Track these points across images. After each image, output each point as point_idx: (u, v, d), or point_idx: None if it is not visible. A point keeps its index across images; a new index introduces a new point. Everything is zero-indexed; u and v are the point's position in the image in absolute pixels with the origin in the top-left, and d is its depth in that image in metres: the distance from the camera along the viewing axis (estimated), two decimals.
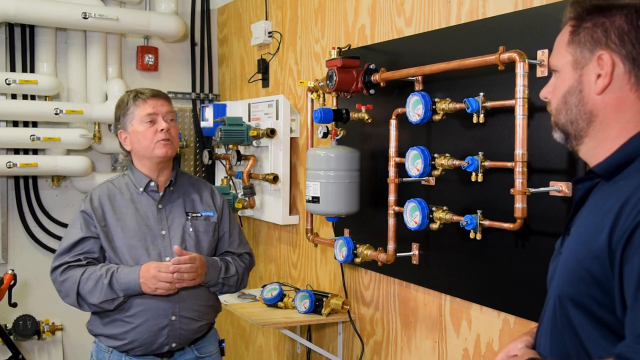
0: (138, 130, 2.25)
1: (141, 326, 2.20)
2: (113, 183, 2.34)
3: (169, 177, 2.33)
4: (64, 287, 2.19)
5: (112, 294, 2.14)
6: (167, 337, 2.23)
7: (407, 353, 2.57)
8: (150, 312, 2.20)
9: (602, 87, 1.16)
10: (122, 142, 2.33)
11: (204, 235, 2.33)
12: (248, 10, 4.05)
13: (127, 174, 2.35)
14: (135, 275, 2.13)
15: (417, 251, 2.42)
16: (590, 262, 1.10)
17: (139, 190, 2.30)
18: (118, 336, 2.22)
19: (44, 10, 3.70)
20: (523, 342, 1.34)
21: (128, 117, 2.27)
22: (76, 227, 2.25)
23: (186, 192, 2.37)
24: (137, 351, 2.23)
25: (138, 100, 2.26)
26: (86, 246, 2.22)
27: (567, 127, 1.23)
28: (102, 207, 2.26)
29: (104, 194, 2.30)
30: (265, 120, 3.51)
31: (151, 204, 2.29)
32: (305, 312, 2.88)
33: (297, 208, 3.43)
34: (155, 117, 2.25)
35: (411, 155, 2.23)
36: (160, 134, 2.24)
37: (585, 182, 1.25)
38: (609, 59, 1.15)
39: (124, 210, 2.27)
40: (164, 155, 2.25)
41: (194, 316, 2.27)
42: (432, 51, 2.34)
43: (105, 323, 2.25)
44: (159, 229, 2.27)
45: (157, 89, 2.35)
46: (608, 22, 1.16)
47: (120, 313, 2.21)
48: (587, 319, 1.11)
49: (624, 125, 1.17)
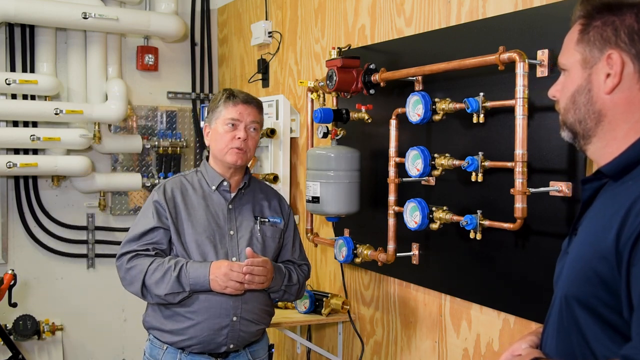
0: (218, 130, 2.26)
1: (202, 323, 2.18)
2: (186, 178, 2.33)
3: (241, 179, 2.33)
4: (129, 275, 2.17)
5: (178, 288, 2.11)
6: (226, 337, 2.21)
7: (407, 353, 2.57)
8: (213, 310, 2.18)
9: (612, 87, 1.16)
10: (205, 135, 2.34)
11: (270, 241, 2.32)
12: (248, 10, 4.05)
13: (199, 170, 2.35)
14: (205, 271, 2.11)
15: (417, 251, 2.42)
16: (598, 263, 1.09)
17: (212, 188, 2.30)
18: (178, 331, 2.20)
19: (44, 10, 3.70)
20: (527, 342, 1.34)
21: (215, 114, 2.28)
22: (148, 216, 2.22)
23: (256, 196, 2.37)
24: (194, 348, 2.20)
25: (229, 102, 2.27)
26: (156, 236, 2.20)
27: (575, 126, 1.22)
28: (175, 200, 2.25)
29: (177, 187, 2.29)
30: (265, 120, 3.50)
31: (222, 203, 2.29)
32: (305, 312, 2.88)
33: (297, 208, 3.43)
34: (238, 123, 2.25)
35: (411, 155, 2.23)
36: (236, 141, 2.23)
37: (593, 182, 1.24)
38: (619, 58, 1.15)
39: (196, 205, 2.26)
40: (233, 163, 2.25)
41: (254, 319, 2.26)
42: (432, 51, 2.34)
43: (165, 317, 2.22)
44: (227, 228, 2.26)
45: (253, 96, 2.35)
46: (618, 20, 1.16)
47: (182, 308, 2.18)
48: (594, 319, 1.11)
49: (633, 125, 1.16)
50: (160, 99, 4.39)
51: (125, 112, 4.02)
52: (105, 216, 4.25)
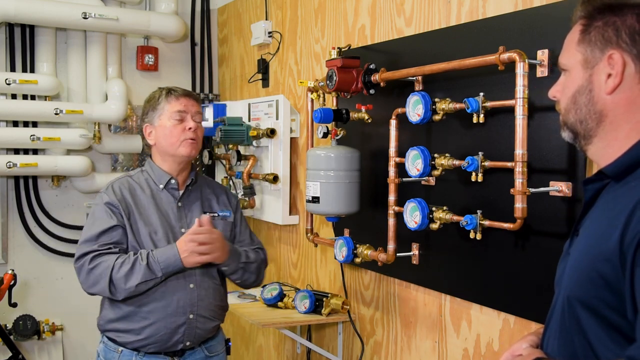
0: (166, 125, 2.27)
1: (159, 322, 2.20)
2: (132, 178, 2.33)
3: (188, 176, 2.35)
4: (92, 275, 2.15)
5: (150, 275, 2.12)
6: (183, 335, 2.23)
7: (407, 353, 2.57)
8: (169, 309, 2.20)
9: (613, 87, 1.15)
10: (147, 136, 2.33)
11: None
12: (248, 10, 4.05)
13: (145, 170, 2.35)
14: (174, 252, 2.13)
15: (417, 251, 2.42)
16: (601, 264, 1.09)
17: (159, 187, 2.31)
18: (134, 331, 2.21)
19: (44, 10, 3.70)
20: (528, 342, 1.34)
21: (157, 111, 2.29)
22: (102, 217, 2.21)
23: (203, 192, 2.40)
24: (150, 348, 2.22)
25: (170, 96, 2.29)
26: (115, 236, 2.20)
27: (576, 126, 1.22)
28: (125, 200, 2.25)
29: (125, 187, 2.29)
30: (265, 120, 3.51)
31: (171, 201, 2.31)
32: (305, 312, 2.88)
33: (297, 208, 3.43)
34: (185, 115, 2.28)
35: (411, 155, 2.23)
36: (188, 132, 2.26)
37: (594, 183, 1.24)
38: (620, 59, 1.14)
39: (145, 205, 2.27)
40: (188, 155, 2.27)
41: (210, 315, 2.30)
42: (432, 51, 2.34)
43: (121, 318, 2.23)
44: (178, 226, 2.28)
45: (189, 90, 2.38)
46: (619, 21, 1.15)
47: (139, 307, 2.20)
48: (597, 321, 1.11)
49: (634, 126, 1.16)
50: None
51: (125, 112, 4.02)
52: None
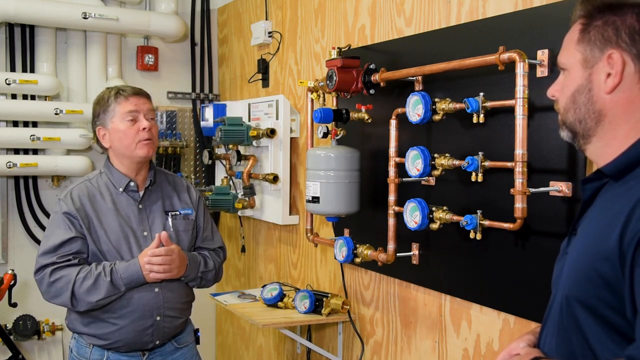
0: (119, 128, 2.24)
1: (126, 327, 2.21)
2: (91, 182, 2.30)
3: (147, 176, 2.33)
4: (54, 288, 2.15)
5: (114, 290, 2.14)
6: (152, 336, 2.26)
7: (407, 353, 2.57)
8: (136, 314, 2.21)
9: (612, 86, 1.15)
10: (101, 139, 2.30)
11: (184, 235, 2.35)
12: (248, 10, 4.05)
13: (104, 172, 2.32)
14: (136, 268, 2.15)
15: (417, 251, 2.42)
16: (600, 264, 1.09)
17: (119, 190, 2.28)
18: (102, 336, 2.22)
19: (44, 10, 3.70)
20: (525, 341, 1.34)
21: (108, 114, 2.25)
22: (60, 228, 2.18)
23: (164, 190, 2.37)
24: (120, 349, 2.25)
25: (120, 97, 2.24)
26: (75, 247, 2.18)
27: (575, 126, 1.22)
28: (85, 208, 2.22)
29: (84, 194, 2.25)
30: (265, 120, 3.51)
31: (131, 204, 2.28)
32: (305, 312, 2.88)
33: (297, 208, 3.43)
34: (137, 115, 2.24)
35: (411, 155, 2.23)
36: (143, 133, 2.23)
37: (593, 182, 1.24)
38: (620, 58, 1.14)
39: (105, 211, 2.24)
40: (146, 155, 2.25)
41: (177, 314, 2.32)
42: (432, 51, 2.34)
43: (87, 323, 2.23)
44: (140, 229, 2.27)
45: (139, 87, 2.33)
46: (619, 20, 1.15)
47: (105, 314, 2.20)
48: (595, 320, 1.10)
49: (633, 126, 1.16)
50: (160, 99, 4.39)
51: None
52: None
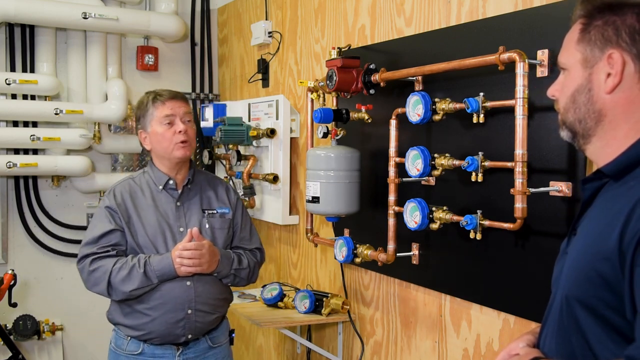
0: (157, 131, 2.35)
1: (159, 319, 2.29)
2: (134, 180, 2.42)
3: (187, 175, 2.42)
4: (93, 277, 2.28)
5: (146, 282, 2.24)
6: (184, 329, 2.32)
7: (407, 353, 2.57)
8: (168, 306, 2.29)
9: (612, 86, 1.15)
10: (142, 141, 2.43)
11: (219, 232, 2.42)
12: (248, 10, 4.05)
13: (147, 171, 2.43)
14: (169, 262, 2.24)
15: (417, 251, 2.42)
16: (600, 264, 1.09)
17: (159, 188, 2.38)
18: (137, 327, 2.32)
19: (44, 10, 3.70)
20: (524, 341, 1.33)
21: (147, 118, 2.37)
22: (102, 220, 2.32)
23: (203, 189, 2.46)
24: (154, 341, 2.33)
25: (157, 102, 2.35)
26: (114, 239, 2.30)
27: (575, 125, 1.22)
28: (125, 203, 2.35)
29: (126, 190, 2.38)
30: (265, 120, 3.51)
31: (170, 201, 2.38)
32: (305, 312, 2.88)
33: (297, 208, 3.43)
34: (174, 118, 2.34)
35: (411, 155, 2.23)
36: (179, 135, 2.33)
37: (593, 182, 1.24)
38: (620, 58, 1.14)
39: (145, 207, 2.36)
40: (182, 157, 2.35)
41: (209, 309, 2.36)
42: (432, 51, 2.34)
43: (125, 314, 2.35)
44: (177, 226, 2.36)
45: (176, 91, 2.43)
46: (619, 20, 1.15)
47: (140, 304, 2.30)
48: (595, 320, 1.10)
49: (633, 126, 1.16)
50: None
51: (125, 112, 4.02)
52: None
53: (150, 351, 2.34)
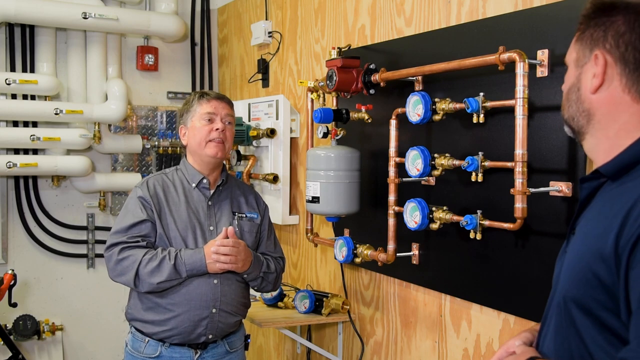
0: (195, 126, 2.36)
1: (183, 315, 2.26)
2: (167, 175, 2.42)
3: (219, 176, 2.43)
4: (120, 266, 2.24)
5: (175, 275, 2.21)
6: (206, 328, 2.29)
7: (407, 353, 2.57)
8: (193, 303, 2.27)
9: (595, 87, 1.18)
10: (181, 136, 2.45)
11: (248, 235, 2.41)
12: (248, 10, 4.05)
13: (179, 168, 2.44)
14: (200, 256, 2.22)
15: (417, 251, 2.42)
16: (597, 265, 1.09)
17: (192, 185, 2.39)
18: (159, 322, 2.28)
19: (44, 10, 3.70)
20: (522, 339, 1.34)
21: (190, 113, 2.39)
22: (134, 210, 2.30)
23: (234, 193, 2.47)
24: (174, 339, 2.29)
25: (202, 99, 2.39)
26: (144, 229, 2.28)
27: (570, 122, 1.25)
28: (157, 195, 2.34)
29: (159, 183, 2.38)
30: (265, 120, 3.51)
31: (202, 199, 2.38)
32: (305, 312, 2.88)
33: (297, 208, 3.43)
34: (214, 117, 2.36)
35: (411, 155, 2.23)
36: (215, 133, 2.34)
37: (591, 181, 1.25)
38: (602, 59, 1.16)
39: (177, 201, 2.35)
40: (213, 155, 2.34)
41: (232, 311, 2.35)
42: (432, 51, 2.34)
43: (147, 308, 2.30)
44: (207, 224, 2.36)
45: (222, 93, 2.48)
46: (609, 22, 1.17)
47: (164, 299, 2.27)
48: (591, 322, 1.10)
49: (622, 126, 1.17)
50: (160, 99, 4.40)
51: (125, 112, 4.02)
52: (105, 216, 4.25)
53: (168, 354, 2.29)
